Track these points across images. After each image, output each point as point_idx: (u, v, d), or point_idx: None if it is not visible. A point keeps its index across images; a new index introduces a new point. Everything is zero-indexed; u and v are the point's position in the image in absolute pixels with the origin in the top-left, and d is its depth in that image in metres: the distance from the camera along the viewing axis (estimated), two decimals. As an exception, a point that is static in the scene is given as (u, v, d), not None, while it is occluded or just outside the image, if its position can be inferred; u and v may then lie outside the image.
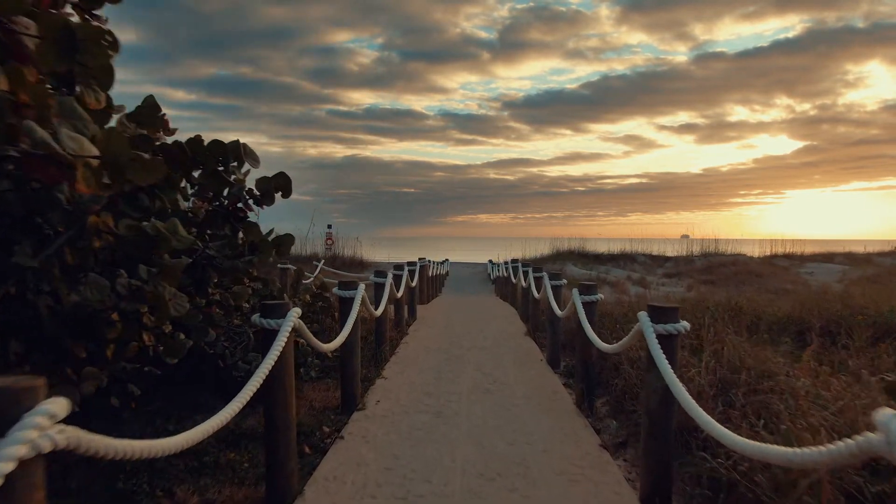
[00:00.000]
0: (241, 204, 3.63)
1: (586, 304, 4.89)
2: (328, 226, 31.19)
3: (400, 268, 9.03)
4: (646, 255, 32.57)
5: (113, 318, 2.81)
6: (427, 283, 13.89)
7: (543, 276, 6.98)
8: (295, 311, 3.14)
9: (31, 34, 2.18)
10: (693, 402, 2.60)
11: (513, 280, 13.25)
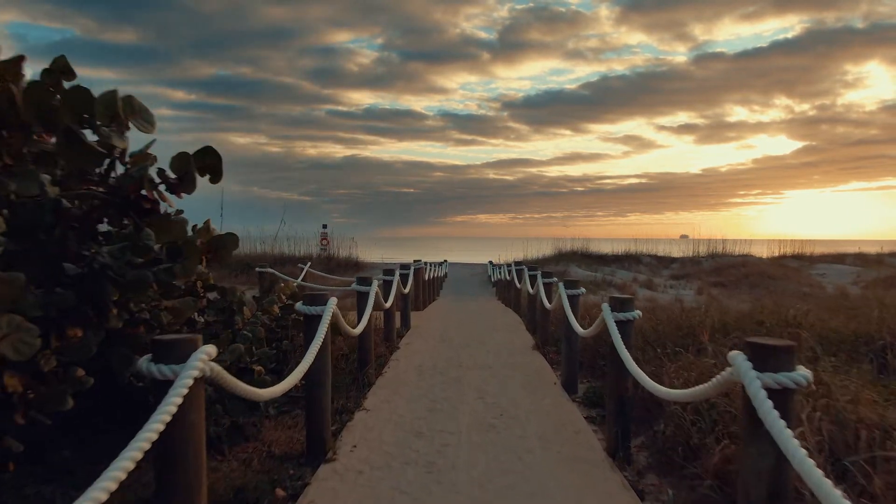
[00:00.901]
0: (145, 191, 2.53)
1: (621, 323, 3.79)
2: (323, 226, 29.98)
3: (391, 272, 7.91)
4: (651, 255, 31.47)
5: None
6: (423, 288, 12.78)
7: (556, 283, 5.87)
8: (205, 352, 2.03)
9: None
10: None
11: (517, 285, 12.14)
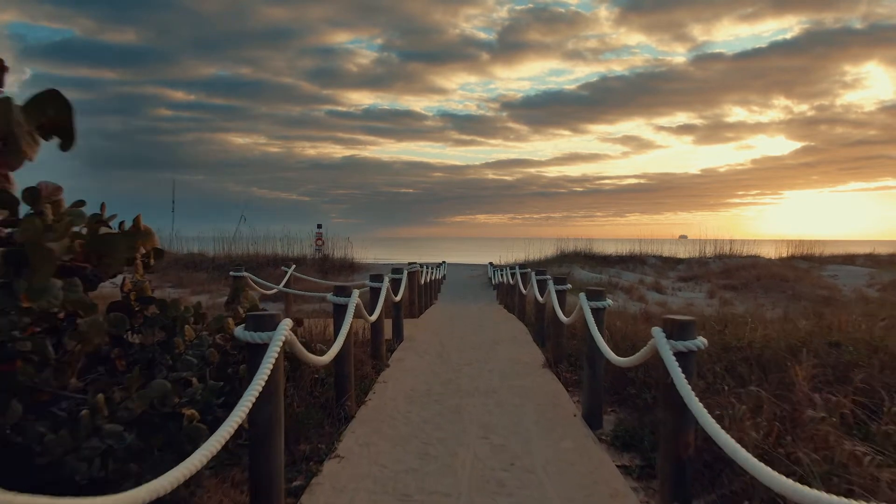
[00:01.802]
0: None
1: (681, 354, 2.73)
2: (318, 225, 28.89)
3: (378, 278, 6.82)
4: (656, 256, 30.44)
5: None
6: (418, 293, 11.69)
7: (581, 298, 4.81)
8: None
9: None
10: None
11: (521, 290, 11.07)
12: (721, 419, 3.22)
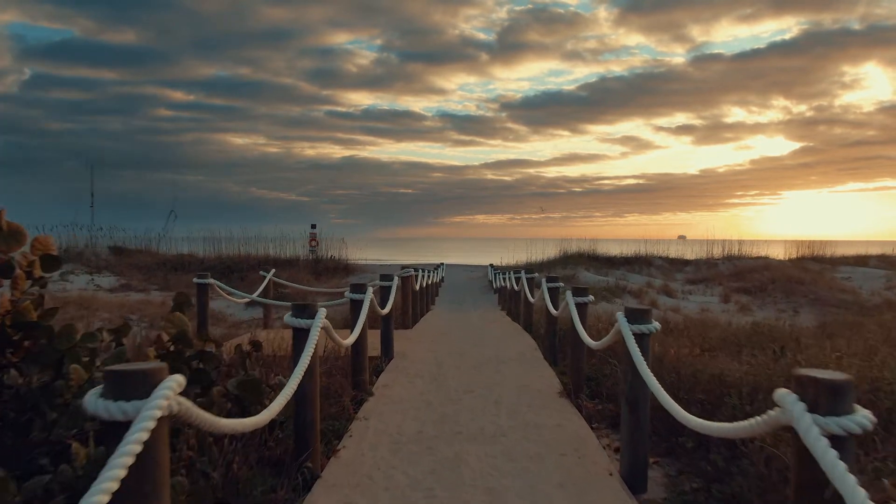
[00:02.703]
0: None
1: (837, 438, 1.59)
2: (312, 226, 27.82)
3: (360, 288, 5.65)
4: (662, 258, 29.31)
5: None
6: (412, 300, 10.54)
7: (619, 320, 3.63)
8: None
9: None
10: None
11: (528, 297, 9.91)
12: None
